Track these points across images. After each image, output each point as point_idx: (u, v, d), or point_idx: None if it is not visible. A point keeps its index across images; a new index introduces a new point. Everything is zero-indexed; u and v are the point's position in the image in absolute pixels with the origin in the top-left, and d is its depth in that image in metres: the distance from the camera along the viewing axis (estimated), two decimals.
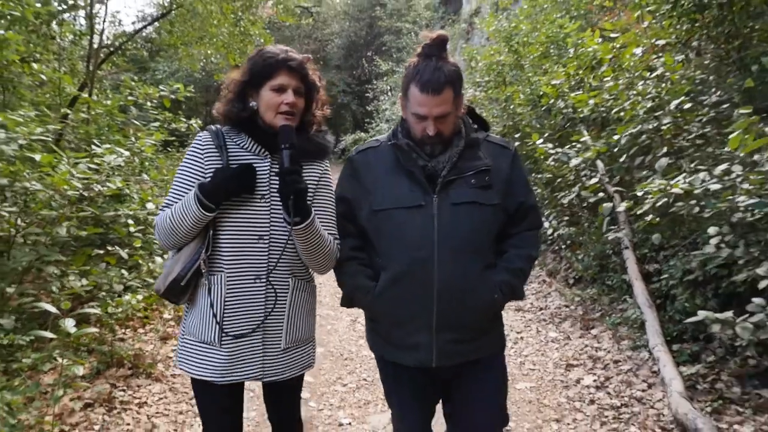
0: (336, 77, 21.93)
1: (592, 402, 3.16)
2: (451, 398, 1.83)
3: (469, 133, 1.73)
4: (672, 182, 2.91)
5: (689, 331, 3.46)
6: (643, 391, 3.15)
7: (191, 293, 1.73)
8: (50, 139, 3.79)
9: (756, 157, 2.73)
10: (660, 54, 4.60)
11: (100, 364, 3.18)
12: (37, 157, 3.45)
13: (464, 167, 1.68)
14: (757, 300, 2.52)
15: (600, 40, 4.56)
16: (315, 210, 1.72)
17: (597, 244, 4.83)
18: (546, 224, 5.44)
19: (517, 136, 6.15)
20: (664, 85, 4.16)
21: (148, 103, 5.52)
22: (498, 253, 1.75)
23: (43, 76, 4.60)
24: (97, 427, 2.66)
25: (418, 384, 1.80)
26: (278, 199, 1.66)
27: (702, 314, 2.58)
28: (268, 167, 1.73)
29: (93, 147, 4.14)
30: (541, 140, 4.84)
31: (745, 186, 2.76)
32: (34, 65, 4.69)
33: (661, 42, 4.71)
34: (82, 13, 8.05)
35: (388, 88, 17.27)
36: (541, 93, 5.45)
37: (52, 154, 3.58)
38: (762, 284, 2.68)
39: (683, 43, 4.83)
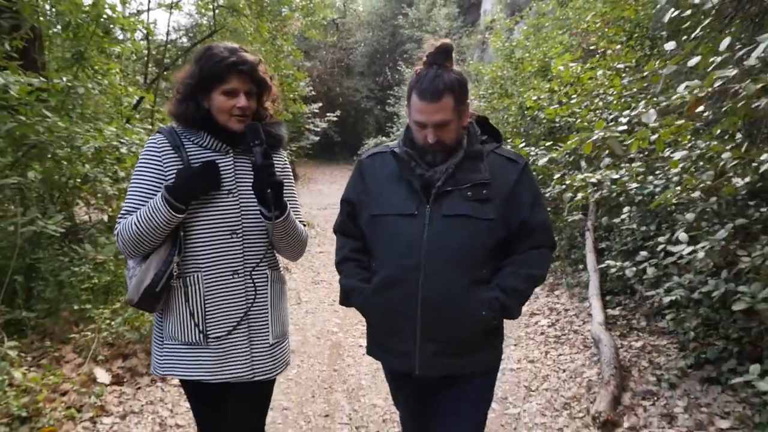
0: (360, 83, 23.12)
1: (542, 334, 4.37)
2: (432, 410, 1.87)
3: (473, 143, 1.70)
4: (588, 175, 4.10)
5: (620, 287, 4.63)
6: (579, 326, 4.35)
7: (165, 298, 1.71)
8: None
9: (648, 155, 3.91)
10: (623, 75, 5.76)
11: None
12: None
13: (461, 179, 1.66)
14: (643, 253, 3.70)
15: (562, 68, 5.72)
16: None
17: (568, 228, 6.00)
18: None
19: (508, 140, 7.34)
20: (615, 102, 5.32)
21: None
22: (498, 270, 1.71)
23: (136, 96, 5.95)
24: None
25: (409, 389, 1.87)
26: (246, 194, 1.70)
27: (606, 263, 3.78)
28: (232, 162, 1.72)
29: None
30: (523, 143, 6.03)
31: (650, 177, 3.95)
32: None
33: (621, 65, 5.86)
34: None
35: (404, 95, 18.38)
36: (528, 106, 6.63)
37: None
38: (659, 247, 3.86)
39: (643, 65, 5.98)
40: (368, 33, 25.22)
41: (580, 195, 5.13)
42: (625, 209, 4.18)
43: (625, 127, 3.03)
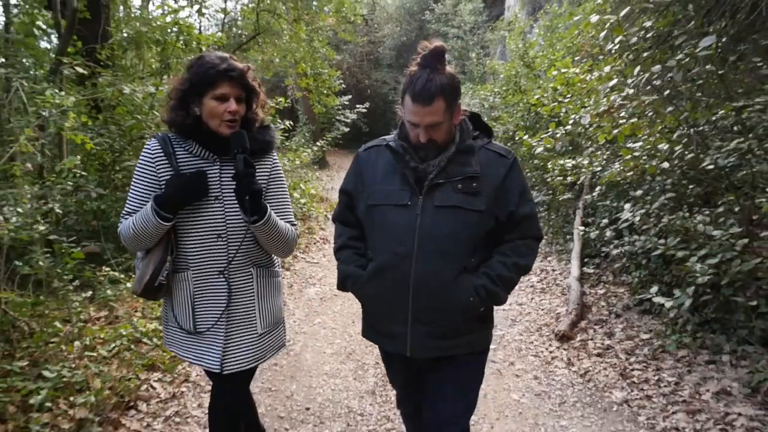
0: (388, 76, 24.05)
1: (531, 287, 5.52)
2: (424, 389, 1.97)
3: (464, 139, 1.78)
4: (568, 161, 5.22)
5: (596, 252, 5.75)
6: (560, 281, 5.49)
7: (168, 288, 1.88)
8: None
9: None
10: (613, 77, 6.78)
11: None
12: None
13: (452, 172, 1.73)
14: (605, 221, 4.82)
15: (555, 73, 6.77)
16: (271, 202, 1.84)
17: (563, 207, 7.09)
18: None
19: (515, 132, 8.44)
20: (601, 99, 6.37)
21: None
22: (486, 259, 1.79)
23: None
24: None
25: (400, 369, 2.02)
26: (231, 200, 1.80)
27: (579, 228, 4.90)
28: (218, 170, 1.82)
29: None
30: (527, 135, 7.12)
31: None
32: None
33: (607, 68, 6.87)
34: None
35: None
36: (532, 103, 7.70)
37: None
38: (622, 217, 4.97)
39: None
40: (396, 27, 26.07)
41: (570, 178, 6.25)
42: (597, 188, 5.29)
43: (570, 128, 4.14)
